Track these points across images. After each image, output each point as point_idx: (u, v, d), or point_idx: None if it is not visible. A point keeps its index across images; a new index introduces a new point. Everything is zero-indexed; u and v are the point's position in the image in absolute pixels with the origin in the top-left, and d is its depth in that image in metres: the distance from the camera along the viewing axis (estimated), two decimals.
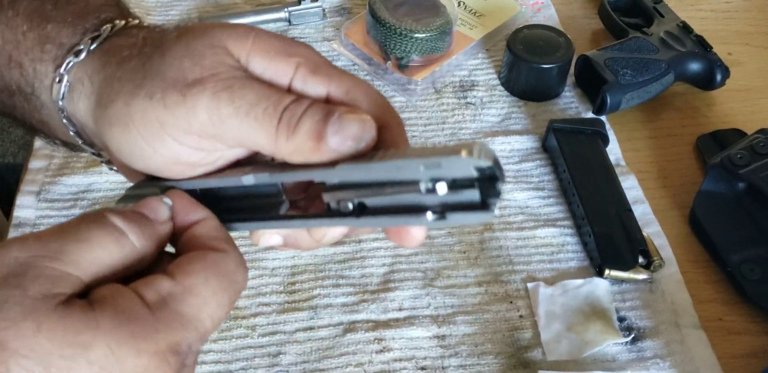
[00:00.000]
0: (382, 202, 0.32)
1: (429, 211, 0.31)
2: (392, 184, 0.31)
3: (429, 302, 0.62)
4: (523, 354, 0.59)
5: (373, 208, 0.32)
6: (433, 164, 0.30)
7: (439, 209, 0.31)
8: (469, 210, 0.30)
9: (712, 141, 0.73)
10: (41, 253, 0.30)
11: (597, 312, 0.61)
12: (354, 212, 0.33)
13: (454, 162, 0.29)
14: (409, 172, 0.30)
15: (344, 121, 0.32)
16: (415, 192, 0.31)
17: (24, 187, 0.69)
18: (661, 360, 0.58)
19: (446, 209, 0.31)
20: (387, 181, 0.31)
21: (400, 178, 0.31)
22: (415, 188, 0.31)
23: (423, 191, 0.30)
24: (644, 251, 0.63)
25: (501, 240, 0.66)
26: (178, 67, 0.33)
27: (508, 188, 0.70)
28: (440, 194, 0.30)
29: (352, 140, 0.32)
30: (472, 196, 0.30)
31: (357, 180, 0.32)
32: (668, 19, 0.80)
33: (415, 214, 0.31)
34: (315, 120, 0.32)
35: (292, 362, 0.58)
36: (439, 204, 0.31)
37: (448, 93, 0.78)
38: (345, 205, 0.33)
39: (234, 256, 0.34)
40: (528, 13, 0.86)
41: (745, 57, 0.83)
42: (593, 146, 0.70)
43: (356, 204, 0.33)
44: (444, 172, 0.30)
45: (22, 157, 1.76)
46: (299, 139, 0.32)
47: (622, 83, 0.73)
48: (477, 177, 0.30)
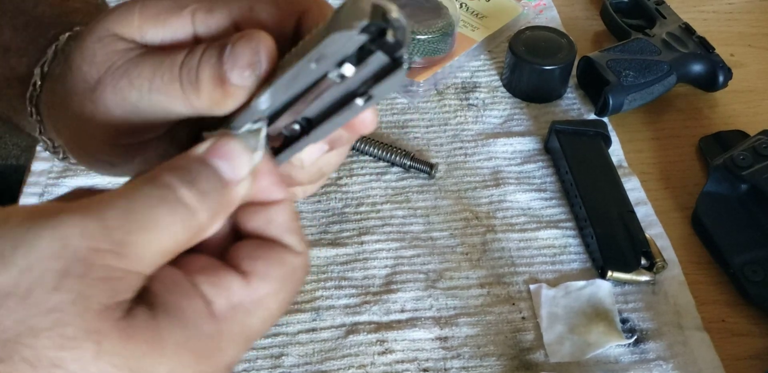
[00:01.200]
0: (319, 108, 0.30)
1: (357, 97, 0.29)
2: (311, 89, 0.29)
3: (431, 303, 0.62)
4: (525, 356, 0.59)
5: (317, 117, 0.30)
6: (318, 56, 0.28)
7: (364, 88, 0.28)
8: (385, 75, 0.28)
9: (714, 142, 0.73)
10: (105, 246, 0.25)
11: (599, 314, 0.61)
12: (304, 131, 0.31)
13: (333, 44, 0.27)
14: (308, 74, 0.29)
15: (236, 52, 0.30)
16: (333, 85, 0.29)
17: (27, 189, 0.69)
18: (664, 362, 0.58)
19: (371, 84, 0.28)
20: (305, 88, 0.30)
21: (309, 81, 0.29)
22: (329, 82, 0.29)
23: (337, 80, 0.28)
24: (647, 253, 0.62)
25: (503, 242, 0.66)
26: (82, 77, 0.32)
27: (510, 189, 0.70)
28: (349, 74, 0.28)
29: (249, 68, 0.30)
30: (380, 60, 0.27)
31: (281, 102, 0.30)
32: (670, 20, 0.80)
33: (347, 106, 0.29)
34: (211, 64, 0.30)
35: (294, 363, 0.58)
36: (360, 83, 0.28)
37: (450, 95, 0.78)
38: (292, 129, 0.31)
39: (307, 259, 0.31)
40: (530, 14, 0.86)
41: (748, 58, 0.82)
42: (595, 148, 0.70)
43: (302, 121, 0.31)
44: (337, 55, 0.27)
45: (25, 159, 1.76)
46: (206, 91, 0.30)
47: (624, 85, 0.73)
48: (370, 38, 0.27)
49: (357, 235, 0.66)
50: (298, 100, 0.30)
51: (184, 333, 0.26)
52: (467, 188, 0.70)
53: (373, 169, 0.71)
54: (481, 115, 0.76)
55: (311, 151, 0.33)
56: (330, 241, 0.66)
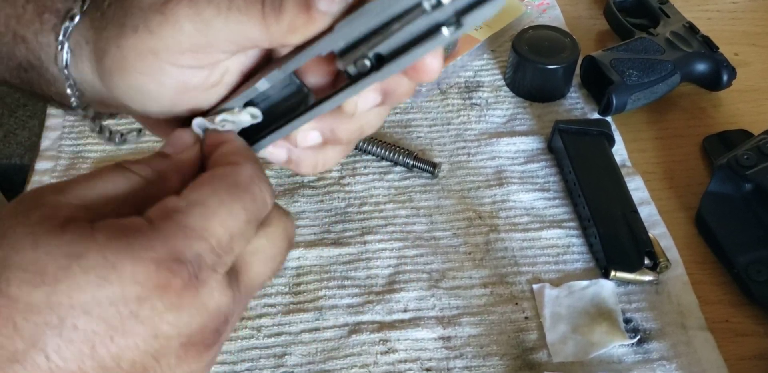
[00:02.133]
0: (397, 42, 0.30)
1: (443, 26, 0.28)
2: (396, 19, 0.29)
3: (434, 303, 0.62)
4: (528, 356, 0.59)
5: (390, 53, 0.30)
6: None
7: (453, 18, 0.28)
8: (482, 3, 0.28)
9: (718, 142, 0.73)
10: (49, 188, 0.30)
11: (603, 314, 0.61)
12: (373, 67, 0.31)
13: None
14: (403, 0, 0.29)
15: None
16: (423, 14, 0.28)
17: (31, 188, 0.69)
18: (667, 362, 0.58)
19: (459, 15, 0.28)
20: (390, 18, 0.29)
21: (400, 8, 0.29)
22: (419, 10, 0.28)
23: (429, 9, 0.28)
24: (650, 253, 0.62)
25: (506, 241, 0.66)
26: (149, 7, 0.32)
27: (513, 189, 0.69)
28: (446, 2, 0.28)
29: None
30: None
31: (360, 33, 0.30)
32: (674, 19, 0.79)
33: (432, 36, 0.29)
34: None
35: (297, 362, 0.58)
36: (451, 13, 0.28)
37: (454, 94, 0.78)
38: (362, 64, 0.31)
39: (247, 167, 0.32)
40: (533, 13, 0.86)
41: (752, 57, 0.82)
42: (599, 147, 0.70)
43: (373, 58, 0.31)
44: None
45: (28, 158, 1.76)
46: (289, 16, 0.31)
47: (628, 84, 0.73)
48: None
49: (360, 234, 0.66)
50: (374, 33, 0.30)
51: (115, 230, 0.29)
52: (470, 188, 0.70)
53: (376, 169, 0.71)
54: (484, 114, 0.76)
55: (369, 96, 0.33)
56: (333, 240, 0.66)
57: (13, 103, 1.93)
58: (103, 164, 0.43)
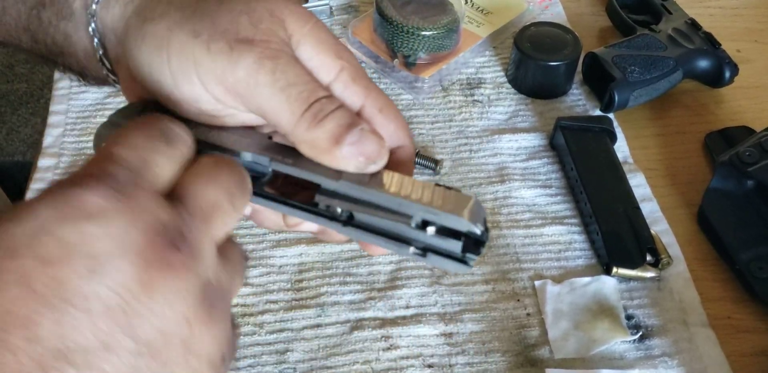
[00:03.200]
0: (370, 220, 0.34)
1: (412, 246, 0.33)
2: (386, 210, 0.33)
3: (436, 299, 0.62)
4: (530, 352, 0.59)
5: (359, 222, 0.34)
6: (432, 213, 0.32)
7: (420, 245, 0.33)
8: (448, 258, 0.33)
9: (720, 138, 0.73)
10: None
11: (605, 310, 0.61)
12: (341, 218, 0.34)
13: (452, 219, 0.31)
14: (407, 209, 0.32)
15: (365, 137, 0.33)
16: (404, 224, 0.33)
17: (33, 185, 0.70)
18: (669, 358, 0.58)
19: (427, 248, 0.33)
20: (383, 206, 0.33)
21: (395, 209, 0.33)
22: (406, 221, 0.33)
23: (413, 227, 0.32)
24: (652, 249, 0.62)
25: (508, 238, 0.66)
26: (233, 20, 0.34)
27: (515, 185, 0.70)
28: (427, 233, 0.32)
29: (365, 158, 0.33)
30: (455, 246, 0.32)
31: (354, 196, 0.33)
32: (676, 16, 0.79)
33: (398, 242, 0.33)
34: (340, 123, 0.33)
35: (299, 359, 0.59)
36: (421, 241, 0.33)
37: (455, 91, 0.78)
38: (334, 209, 0.34)
39: None
40: (535, 10, 0.85)
41: (754, 54, 0.82)
42: (601, 144, 0.70)
43: (345, 213, 0.34)
44: (438, 219, 0.32)
45: (30, 155, 1.77)
46: (317, 134, 0.33)
47: (629, 81, 0.73)
48: (464, 233, 0.32)
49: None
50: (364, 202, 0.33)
51: None
52: (472, 184, 0.70)
53: None
54: (486, 111, 0.76)
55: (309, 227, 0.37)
56: None
57: (16, 100, 1.93)
58: None
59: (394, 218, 0.33)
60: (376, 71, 0.79)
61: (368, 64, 0.80)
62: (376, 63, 0.79)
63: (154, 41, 0.34)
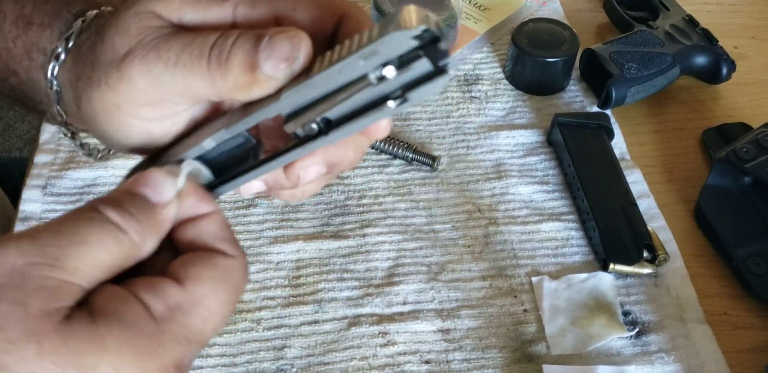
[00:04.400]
0: (344, 109, 0.31)
1: (390, 99, 0.30)
2: (343, 89, 0.30)
3: (433, 296, 0.62)
4: (527, 348, 0.59)
5: (338, 119, 0.32)
6: (370, 53, 0.29)
7: (399, 92, 0.30)
8: (427, 81, 0.29)
9: (717, 135, 0.73)
10: (39, 260, 0.28)
11: (601, 306, 0.61)
12: (321, 132, 0.32)
13: (389, 42, 0.28)
14: (351, 71, 0.30)
15: (275, 43, 0.31)
16: (368, 86, 0.30)
17: (30, 181, 0.69)
18: (665, 354, 0.58)
19: (405, 90, 0.30)
20: (337, 88, 0.30)
21: (346, 80, 0.30)
22: (365, 82, 0.30)
23: (374, 82, 0.29)
24: (649, 246, 0.62)
25: (505, 234, 0.66)
26: (112, 47, 0.33)
27: (513, 182, 0.70)
28: (390, 77, 0.29)
29: (285, 62, 0.31)
30: (424, 66, 0.29)
31: (307, 100, 0.31)
32: (674, 12, 0.79)
33: (378, 108, 0.30)
34: (245, 50, 0.31)
35: (296, 355, 0.59)
36: (397, 87, 0.30)
37: (453, 87, 0.78)
38: (310, 128, 0.32)
39: (242, 262, 0.32)
40: (533, 6, 0.85)
41: (751, 50, 0.82)
42: (598, 140, 0.70)
43: (321, 122, 0.32)
44: (385, 55, 0.29)
45: (27, 151, 1.76)
46: (234, 74, 0.31)
47: (627, 77, 0.73)
48: (419, 45, 0.28)
49: (359, 227, 0.66)
50: (322, 100, 0.31)
51: (123, 332, 0.28)
52: (469, 181, 0.70)
53: (375, 162, 0.71)
54: (483, 107, 0.76)
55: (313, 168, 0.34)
56: (332, 233, 0.66)
57: None
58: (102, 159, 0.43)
59: (354, 89, 0.30)
60: None
61: None
62: None
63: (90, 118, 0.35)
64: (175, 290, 0.29)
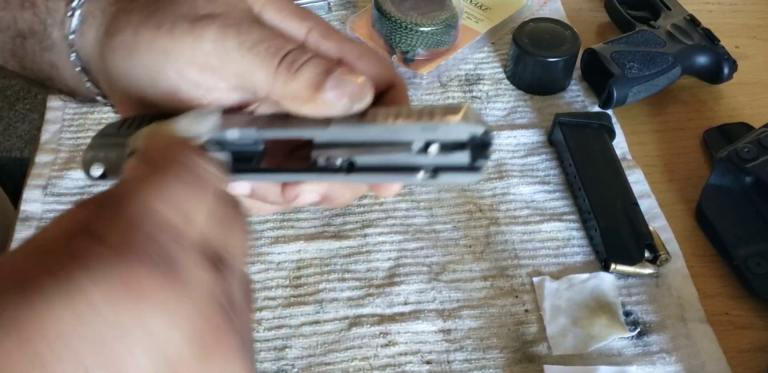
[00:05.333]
0: (371, 160, 0.33)
1: (421, 170, 0.32)
2: (384, 144, 0.32)
3: (434, 296, 0.62)
4: (528, 348, 0.59)
5: (361, 166, 0.33)
6: (431, 128, 0.31)
7: (431, 168, 0.32)
8: (458, 171, 0.32)
9: (719, 135, 0.73)
10: None
11: (603, 306, 0.61)
12: (342, 169, 0.33)
13: (453, 128, 0.31)
14: (405, 134, 0.32)
15: (345, 78, 0.33)
16: (406, 152, 0.32)
17: (31, 181, 0.69)
18: (667, 354, 0.58)
19: (437, 169, 0.32)
20: (380, 141, 0.32)
21: (393, 139, 0.32)
22: (407, 148, 0.32)
23: (415, 151, 0.32)
24: (650, 246, 0.62)
25: (506, 234, 0.66)
26: (192, 4, 0.34)
27: (514, 182, 0.70)
28: (431, 153, 0.32)
29: (349, 98, 0.33)
30: (462, 158, 0.31)
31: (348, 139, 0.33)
32: (675, 12, 0.79)
33: (405, 172, 0.32)
34: (316, 71, 0.33)
35: (297, 355, 0.59)
36: (429, 164, 0.32)
37: (454, 87, 0.78)
38: (333, 162, 0.33)
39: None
40: (534, 6, 0.85)
41: (753, 50, 0.82)
42: (599, 140, 0.70)
43: (345, 161, 0.33)
44: (440, 135, 0.31)
45: (28, 151, 1.77)
46: (297, 85, 0.33)
47: (628, 77, 0.73)
48: (467, 141, 0.31)
49: (360, 227, 0.66)
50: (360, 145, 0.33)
51: None
52: (470, 181, 0.70)
53: None
54: (484, 107, 0.76)
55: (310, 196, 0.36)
56: (333, 233, 0.66)
57: (13, 95, 1.93)
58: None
59: (394, 149, 0.32)
60: None
61: None
62: None
63: (124, 49, 0.35)
64: None
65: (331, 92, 0.32)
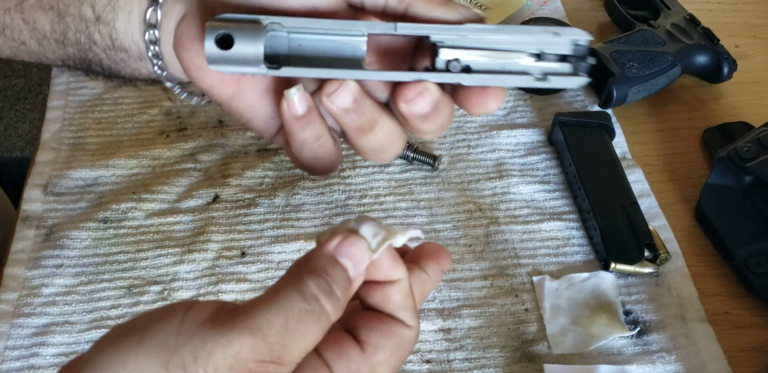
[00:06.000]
0: (486, 65, 0.37)
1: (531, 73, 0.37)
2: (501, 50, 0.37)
3: (434, 295, 0.62)
4: (528, 348, 0.59)
5: (477, 70, 0.37)
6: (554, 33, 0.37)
7: (540, 72, 0.37)
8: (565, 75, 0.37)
9: (718, 134, 0.73)
10: (267, 357, 0.30)
11: (602, 306, 0.61)
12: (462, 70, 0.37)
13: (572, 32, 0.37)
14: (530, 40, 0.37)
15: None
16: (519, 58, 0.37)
17: (31, 180, 0.69)
18: (666, 354, 0.58)
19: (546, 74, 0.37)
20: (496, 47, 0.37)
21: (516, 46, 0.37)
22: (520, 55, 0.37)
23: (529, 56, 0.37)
24: (650, 245, 0.62)
25: (506, 234, 0.66)
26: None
27: (513, 181, 0.70)
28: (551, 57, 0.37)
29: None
30: (566, 67, 0.37)
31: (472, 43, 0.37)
32: (675, 11, 0.79)
33: (518, 74, 0.37)
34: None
35: None
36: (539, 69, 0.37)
37: None
38: (455, 65, 0.37)
39: (417, 333, 0.36)
40: (534, 5, 0.85)
41: (753, 49, 0.82)
42: (599, 139, 0.70)
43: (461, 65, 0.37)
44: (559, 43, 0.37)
45: (29, 151, 1.77)
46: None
47: (628, 76, 0.73)
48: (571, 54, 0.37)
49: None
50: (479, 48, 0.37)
51: None
52: (470, 180, 0.70)
53: None
54: None
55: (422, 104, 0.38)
56: None
57: (13, 96, 1.93)
58: (104, 155, 0.43)
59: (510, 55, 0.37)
60: None
61: None
62: None
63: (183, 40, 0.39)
64: (357, 354, 0.33)
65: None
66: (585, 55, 0.37)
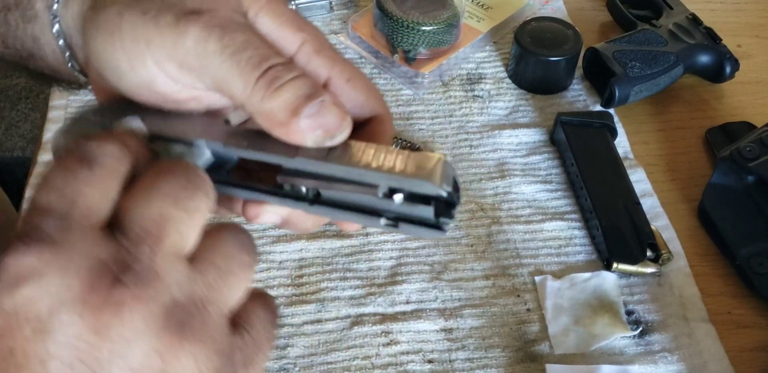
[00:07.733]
0: (340, 197, 0.32)
1: (383, 216, 0.31)
2: (350, 183, 0.31)
3: (436, 295, 0.62)
4: (530, 348, 0.59)
5: (326, 198, 0.32)
6: (396, 181, 0.30)
7: (392, 215, 0.31)
8: (421, 225, 0.31)
9: (721, 134, 0.73)
10: None
11: (605, 306, 0.61)
12: (307, 198, 0.32)
13: (418, 184, 0.30)
14: (371, 179, 0.31)
15: (325, 109, 0.31)
16: (371, 195, 0.31)
17: (33, 180, 0.69)
18: (669, 354, 0.58)
19: (399, 218, 0.31)
20: (347, 179, 0.31)
21: (359, 180, 0.31)
22: (372, 191, 0.31)
23: (380, 196, 0.31)
24: (652, 245, 0.62)
25: (508, 233, 0.66)
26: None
27: (516, 181, 0.69)
28: (396, 202, 0.31)
29: (323, 131, 0.31)
30: (427, 212, 0.31)
31: (316, 171, 0.32)
32: (677, 10, 0.79)
33: (368, 215, 0.32)
34: (298, 93, 0.31)
35: (299, 354, 0.59)
36: (392, 211, 0.31)
37: (456, 86, 0.78)
38: (299, 190, 0.32)
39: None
40: (536, 5, 0.85)
41: (755, 49, 0.82)
42: (601, 139, 0.70)
43: (311, 191, 0.32)
44: (403, 185, 0.30)
45: (30, 151, 1.77)
46: (273, 105, 0.30)
47: (630, 76, 0.73)
48: (433, 196, 0.30)
49: (362, 226, 0.66)
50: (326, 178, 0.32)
51: None
52: (472, 180, 0.70)
53: None
54: (486, 106, 0.76)
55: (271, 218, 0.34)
56: (335, 232, 0.66)
57: (15, 95, 1.93)
58: None
59: (359, 190, 0.31)
60: (376, 66, 0.79)
61: (368, 59, 0.79)
62: (376, 58, 0.79)
63: (107, 28, 0.33)
64: None
65: (307, 121, 0.30)
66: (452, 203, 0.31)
